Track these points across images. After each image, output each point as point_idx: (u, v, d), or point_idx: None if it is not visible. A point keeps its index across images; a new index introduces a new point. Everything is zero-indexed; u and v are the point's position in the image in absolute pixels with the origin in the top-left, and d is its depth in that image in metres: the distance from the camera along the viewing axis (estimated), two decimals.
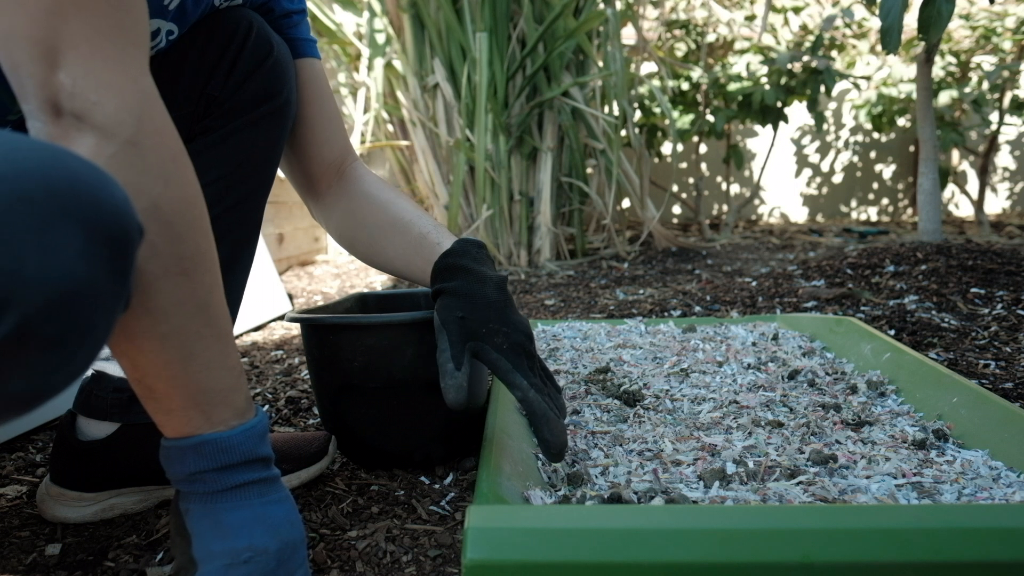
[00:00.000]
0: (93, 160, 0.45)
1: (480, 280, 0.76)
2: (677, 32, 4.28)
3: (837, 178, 5.19)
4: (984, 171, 3.99)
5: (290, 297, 2.21)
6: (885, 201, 5.19)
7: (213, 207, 0.76)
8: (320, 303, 2.07)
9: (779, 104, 3.58)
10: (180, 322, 0.52)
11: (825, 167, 5.19)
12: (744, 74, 3.68)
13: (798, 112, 4.77)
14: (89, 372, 0.80)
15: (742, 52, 3.93)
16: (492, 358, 0.72)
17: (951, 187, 4.99)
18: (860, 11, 4.00)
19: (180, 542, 0.57)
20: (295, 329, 1.80)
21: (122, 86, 0.49)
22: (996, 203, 5.12)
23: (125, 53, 0.50)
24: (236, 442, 0.55)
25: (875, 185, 5.18)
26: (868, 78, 4.03)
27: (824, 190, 5.20)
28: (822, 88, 3.46)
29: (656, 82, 3.83)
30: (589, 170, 2.99)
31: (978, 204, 3.89)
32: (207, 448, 0.55)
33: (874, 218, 5.20)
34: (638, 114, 3.89)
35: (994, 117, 4.15)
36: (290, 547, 0.57)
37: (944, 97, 3.73)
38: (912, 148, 5.07)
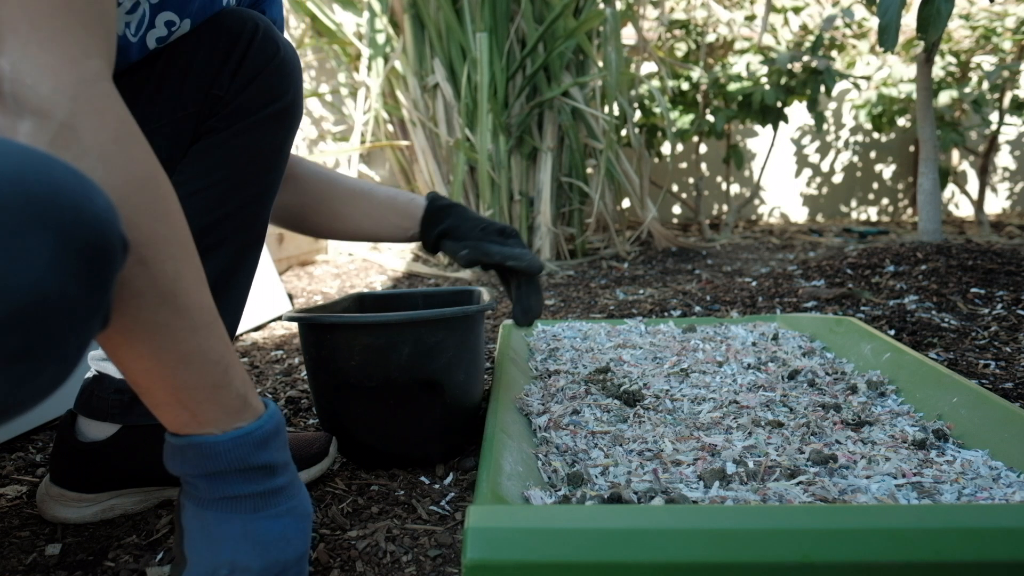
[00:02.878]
0: (33, 145, 0.43)
1: (465, 208, 0.95)
2: (677, 32, 4.28)
3: (837, 178, 5.19)
4: (984, 171, 3.99)
5: (290, 297, 2.21)
6: (885, 201, 5.19)
7: (218, 208, 0.76)
8: (320, 303, 2.08)
9: (779, 104, 3.58)
10: (143, 314, 0.49)
11: (825, 167, 5.18)
12: (744, 74, 3.68)
13: (798, 112, 4.77)
14: (91, 372, 0.80)
15: (742, 52, 3.93)
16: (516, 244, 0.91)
17: (951, 187, 4.99)
18: (860, 11, 4.00)
19: (177, 532, 0.56)
20: (295, 329, 1.80)
21: (58, 68, 0.47)
22: (996, 203, 5.12)
23: (66, 34, 0.48)
24: (223, 449, 0.53)
25: (875, 185, 5.18)
26: (868, 78, 4.03)
27: (824, 190, 5.20)
28: (822, 88, 3.45)
29: (656, 82, 3.83)
30: (589, 170, 2.99)
31: (978, 204, 3.89)
32: (191, 452, 0.53)
33: (874, 218, 5.20)
34: (638, 114, 3.89)
35: (994, 117, 4.15)
36: (278, 566, 0.55)
37: (944, 97, 3.73)
38: (912, 148, 5.07)
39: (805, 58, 3.45)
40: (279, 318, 1.93)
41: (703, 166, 4.48)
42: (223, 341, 0.55)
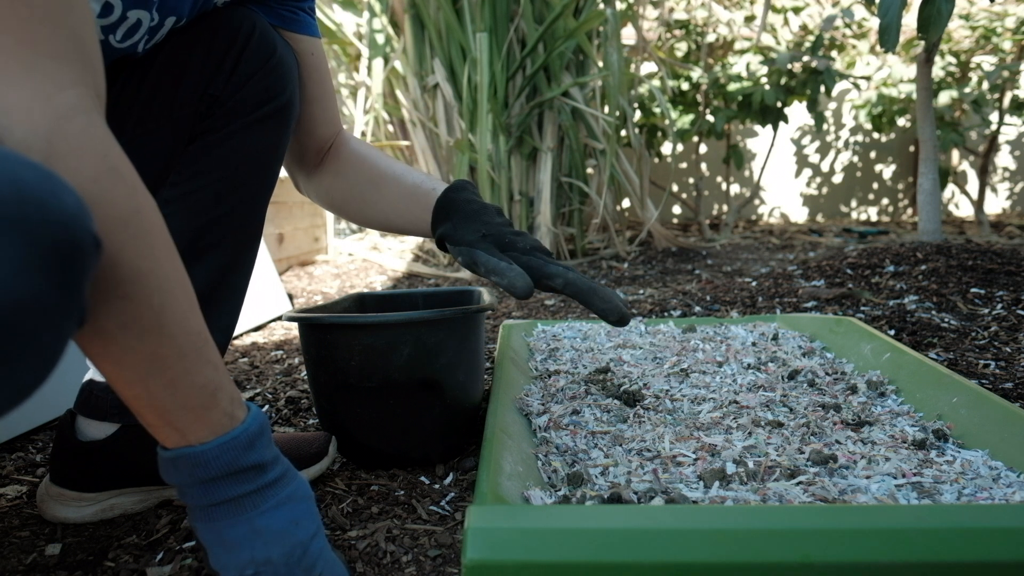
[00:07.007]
0: None
1: (483, 206, 0.85)
2: (677, 32, 4.28)
3: (837, 178, 5.19)
4: (984, 171, 3.99)
5: (290, 297, 2.21)
6: (885, 201, 5.19)
7: (214, 208, 0.77)
8: (320, 303, 2.07)
9: (779, 104, 3.58)
10: (130, 344, 0.49)
11: (825, 167, 5.19)
12: (744, 74, 3.68)
13: (798, 112, 4.77)
14: (90, 372, 0.80)
15: (742, 52, 3.93)
16: (524, 259, 0.80)
17: (951, 187, 4.99)
18: (860, 11, 4.00)
19: (203, 554, 0.57)
20: (295, 329, 1.80)
21: (31, 108, 0.45)
22: (996, 203, 5.12)
23: (35, 70, 0.46)
24: (211, 456, 0.54)
25: (875, 185, 5.18)
26: (868, 78, 4.03)
27: (824, 190, 5.20)
28: (822, 88, 3.46)
29: (656, 82, 3.83)
30: (589, 170, 2.99)
31: (978, 204, 3.89)
32: (182, 463, 0.54)
33: (874, 218, 5.20)
34: (638, 114, 3.89)
35: (994, 117, 4.15)
36: (299, 547, 0.57)
37: (944, 97, 3.73)
38: (912, 148, 5.07)
39: (805, 58, 3.45)
40: (279, 318, 1.93)
41: (703, 166, 4.49)
42: (211, 364, 0.54)
